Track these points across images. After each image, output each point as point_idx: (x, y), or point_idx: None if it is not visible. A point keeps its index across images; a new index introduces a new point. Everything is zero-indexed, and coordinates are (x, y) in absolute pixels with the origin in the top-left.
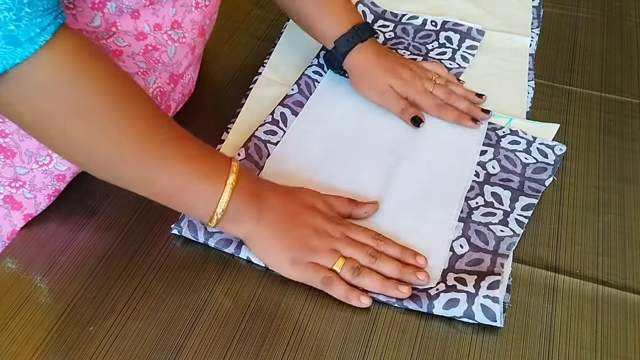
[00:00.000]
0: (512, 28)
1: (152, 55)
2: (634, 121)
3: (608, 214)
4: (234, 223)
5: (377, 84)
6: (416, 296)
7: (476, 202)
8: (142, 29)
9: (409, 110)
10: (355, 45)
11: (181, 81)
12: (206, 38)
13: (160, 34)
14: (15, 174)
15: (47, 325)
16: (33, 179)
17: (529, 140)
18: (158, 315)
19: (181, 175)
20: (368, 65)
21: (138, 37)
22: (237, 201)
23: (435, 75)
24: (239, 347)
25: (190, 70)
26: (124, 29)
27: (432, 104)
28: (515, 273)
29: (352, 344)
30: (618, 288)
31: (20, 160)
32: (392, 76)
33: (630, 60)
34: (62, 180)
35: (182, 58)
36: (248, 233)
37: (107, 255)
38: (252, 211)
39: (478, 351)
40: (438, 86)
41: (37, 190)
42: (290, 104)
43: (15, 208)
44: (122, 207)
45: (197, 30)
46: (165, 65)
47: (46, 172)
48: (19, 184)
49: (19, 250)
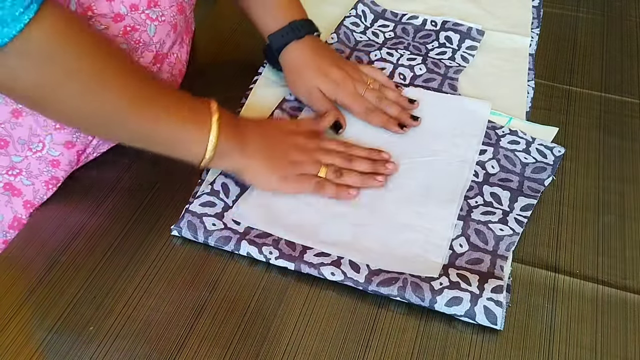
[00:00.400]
0: (512, 28)
1: (132, 36)
2: (634, 121)
3: (608, 214)
4: (224, 158)
5: (305, 83)
6: (419, 287)
7: (475, 202)
8: (119, 10)
9: (330, 115)
10: (289, 41)
11: (166, 60)
12: (187, 15)
13: (137, 14)
14: (11, 162)
15: (47, 325)
16: (29, 166)
17: (528, 140)
18: (158, 315)
19: (173, 123)
20: (300, 63)
21: (115, 19)
22: (224, 137)
23: (370, 80)
24: (239, 347)
25: (175, 49)
26: (100, 12)
27: (362, 107)
28: (515, 273)
29: (352, 344)
30: (618, 288)
31: (14, 148)
32: (322, 78)
33: (630, 60)
34: (56, 166)
35: (164, 37)
36: (237, 165)
37: (107, 255)
38: (238, 144)
39: (478, 351)
40: (370, 90)
41: (34, 177)
42: (287, 109)
43: (15, 195)
44: (122, 207)
45: (175, 7)
46: (147, 45)
47: (40, 158)
48: (16, 172)
49: (19, 250)
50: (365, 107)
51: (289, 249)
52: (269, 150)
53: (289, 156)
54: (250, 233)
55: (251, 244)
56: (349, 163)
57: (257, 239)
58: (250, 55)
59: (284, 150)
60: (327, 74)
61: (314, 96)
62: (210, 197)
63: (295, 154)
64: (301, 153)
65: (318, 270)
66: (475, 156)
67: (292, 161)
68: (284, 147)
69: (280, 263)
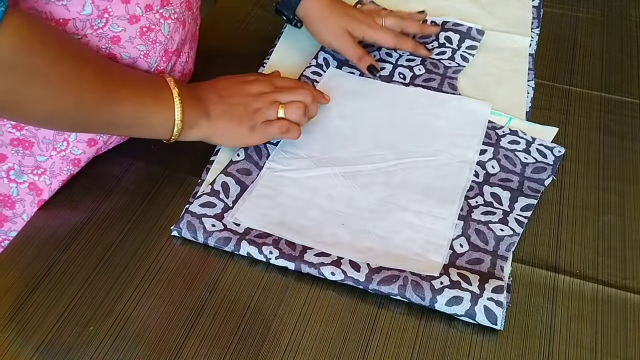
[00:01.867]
0: (512, 28)
1: (149, 36)
2: (634, 121)
3: (608, 214)
4: (192, 129)
5: (333, 28)
6: (420, 286)
7: (476, 202)
8: (134, 11)
9: (365, 59)
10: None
11: (179, 60)
12: (194, 12)
13: (152, 14)
14: (35, 161)
15: (47, 325)
16: (52, 165)
17: (528, 140)
18: (158, 315)
19: (137, 107)
20: (323, 11)
21: (131, 21)
22: (187, 109)
23: (383, 10)
24: (239, 347)
25: (187, 48)
26: (116, 14)
27: (389, 36)
28: (515, 273)
29: (352, 344)
30: (618, 288)
31: (39, 148)
32: (347, 18)
33: (630, 60)
34: (77, 165)
35: (174, 34)
36: (206, 131)
37: (107, 255)
38: (202, 111)
39: (478, 351)
40: (387, 17)
41: (54, 176)
42: None
43: (38, 195)
44: (122, 207)
45: (184, 4)
46: (163, 44)
47: (64, 157)
48: (40, 171)
49: (19, 250)
50: (391, 35)
51: (289, 248)
52: (230, 107)
53: (250, 106)
54: (250, 233)
55: (251, 243)
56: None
57: (257, 238)
58: (252, 53)
59: (244, 103)
60: (349, 15)
61: (344, 40)
62: (210, 198)
63: (254, 102)
64: (259, 100)
65: (318, 270)
66: (476, 156)
67: (253, 109)
68: (242, 99)
69: (280, 263)
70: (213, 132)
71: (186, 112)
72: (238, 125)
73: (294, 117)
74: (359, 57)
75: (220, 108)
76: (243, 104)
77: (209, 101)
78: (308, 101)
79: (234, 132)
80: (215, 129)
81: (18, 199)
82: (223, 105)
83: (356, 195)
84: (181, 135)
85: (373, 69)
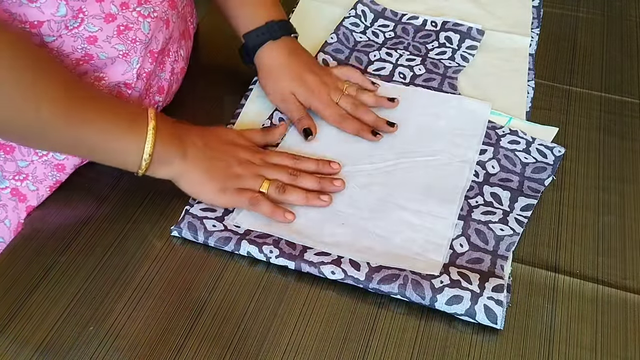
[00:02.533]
0: (512, 28)
1: (127, 35)
2: (634, 121)
3: (608, 214)
4: (162, 166)
5: (280, 89)
6: (420, 285)
7: (476, 202)
8: (109, 10)
9: (302, 122)
10: (265, 41)
11: (168, 60)
12: (180, 11)
13: (129, 12)
14: (17, 167)
15: (47, 325)
16: (34, 171)
17: (528, 140)
18: (158, 315)
19: (104, 132)
20: (275, 66)
21: (107, 19)
22: (161, 144)
23: (346, 84)
24: (239, 347)
25: (175, 47)
26: (91, 13)
27: (335, 115)
28: (515, 273)
29: (352, 344)
30: (618, 288)
31: (20, 153)
32: (297, 83)
33: (630, 60)
34: (62, 170)
35: (156, 33)
36: (176, 173)
37: (107, 255)
38: (177, 151)
39: (478, 351)
40: (345, 97)
41: (39, 181)
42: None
43: (21, 200)
44: (121, 207)
45: (166, 2)
46: (144, 43)
47: (46, 162)
48: (22, 177)
49: (19, 250)
50: (339, 114)
51: (289, 248)
52: (210, 160)
53: (230, 168)
54: (250, 234)
55: (251, 243)
56: (295, 179)
57: (257, 238)
58: None
59: (225, 162)
60: (302, 80)
61: (288, 102)
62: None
63: (237, 166)
64: (244, 166)
65: (318, 269)
66: (476, 156)
67: (233, 173)
68: (225, 158)
69: (280, 262)
70: (181, 175)
71: (158, 146)
72: (209, 180)
73: (274, 196)
74: (297, 120)
75: (199, 154)
76: (225, 162)
77: (190, 143)
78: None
79: (202, 185)
80: (186, 174)
81: (1, 204)
82: (204, 153)
83: (356, 194)
84: (150, 169)
85: (308, 133)
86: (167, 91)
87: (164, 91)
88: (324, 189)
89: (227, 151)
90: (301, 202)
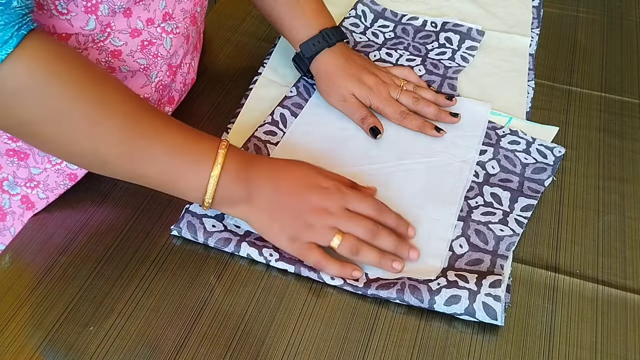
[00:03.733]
0: (512, 28)
1: (150, 50)
2: (634, 121)
3: (608, 214)
4: (227, 206)
5: (340, 91)
6: (417, 289)
7: (476, 202)
8: (136, 25)
9: (368, 120)
10: (321, 49)
11: (180, 71)
12: (198, 26)
13: (153, 28)
14: (30, 174)
15: (47, 325)
16: (47, 179)
17: (528, 140)
18: (158, 315)
19: (164, 173)
20: (332, 71)
21: (133, 34)
22: (224, 189)
23: (403, 82)
24: (239, 347)
25: (188, 59)
26: (118, 28)
27: (396, 112)
28: (515, 273)
29: (352, 344)
30: (618, 288)
31: (34, 160)
32: (356, 83)
33: (630, 60)
34: (73, 179)
35: (178, 48)
36: (244, 215)
37: (107, 255)
38: (242, 195)
39: (478, 351)
40: (405, 93)
41: (50, 190)
42: (289, 105)
43: (28, 208)
44: (121, 207)
45: (188, 19)
46: (164, 58)
47: (59, 171)
48: (33, 184)
49: (19, 250)
50: (400, 110)
51: None
52: (278, 206)
53: (301, 217)
54: (250, 235)
55: (251, 245)
56: (373, 237)
57: (257, 241)
58: (251, 55)
59: (295, 211)
60: (360, 80)
61: (349, 103)
62: None
63: (308, 214)
64: (317, 217)
65: (318, 274)
66: (476, 156)
67: (304, 223)
68: (296, 205)
69: (280, 265)
70: (250, 218)
71: (221, 190)
72: (278, 229)
73: (345, 254)
74: (361, 119)
75: (266, 200)
76: (296, 211)
77: (257, 187)
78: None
79: (270, 231)
80: (253, 217)
81: (9, 211)
82: (272, 199)
83: None
84: (214, 208)
85: (375, 131)
86: (177, 101)
87: (174, 102)
88: (400, 253)
89: (300, 195)
90: (372, 264)
